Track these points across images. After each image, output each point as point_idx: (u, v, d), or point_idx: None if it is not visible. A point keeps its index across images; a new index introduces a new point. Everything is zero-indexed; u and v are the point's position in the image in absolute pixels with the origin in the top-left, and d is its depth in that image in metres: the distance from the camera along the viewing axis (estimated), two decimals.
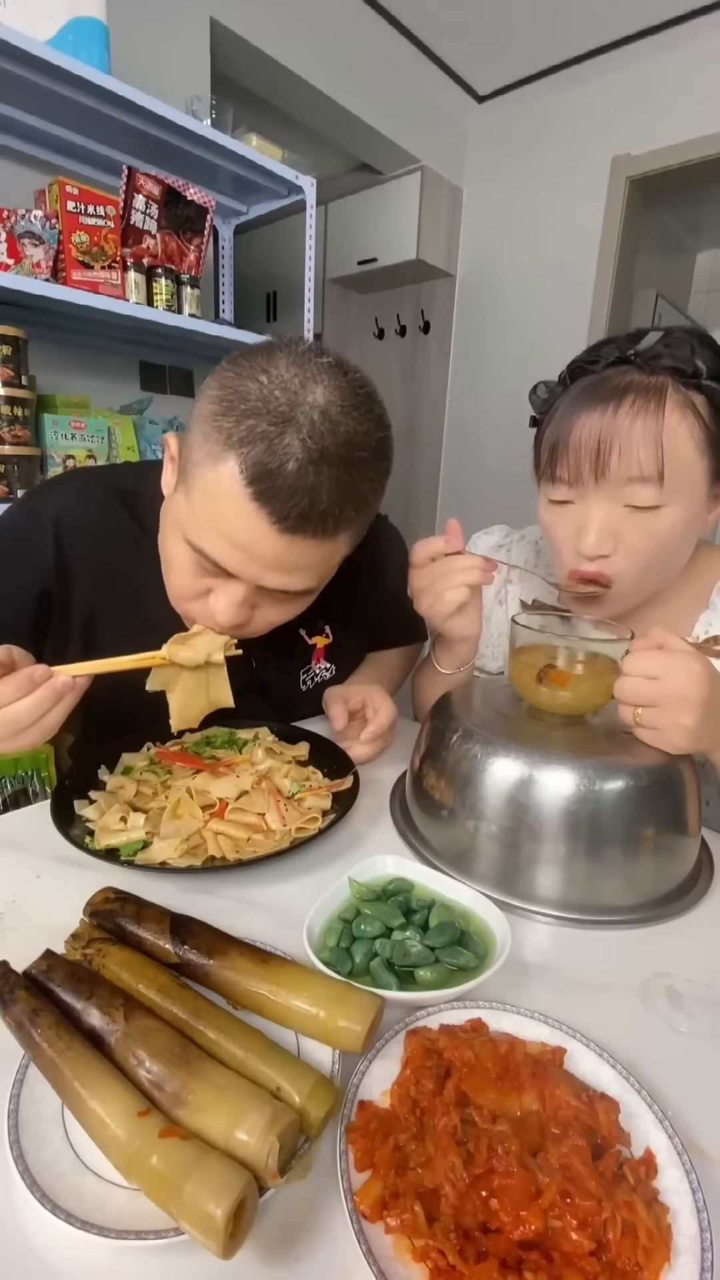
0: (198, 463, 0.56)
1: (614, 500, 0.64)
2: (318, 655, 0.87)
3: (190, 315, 1.70)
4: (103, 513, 0.74)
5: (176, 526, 0.62)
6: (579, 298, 2.70)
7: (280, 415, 0.52)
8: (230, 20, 2.01)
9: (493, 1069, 0.36)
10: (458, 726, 0.61)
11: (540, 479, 0.71)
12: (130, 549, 0.74)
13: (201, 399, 0.57)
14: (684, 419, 0.61)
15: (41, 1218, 0.29)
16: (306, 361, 0.54)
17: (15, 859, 0.58)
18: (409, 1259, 0.29)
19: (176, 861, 0.56)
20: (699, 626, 0.74)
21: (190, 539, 0.59)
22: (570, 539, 0.67)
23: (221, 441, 0.54)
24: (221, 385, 0.55)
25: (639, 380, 0.62)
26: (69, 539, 0.72)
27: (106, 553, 0.73)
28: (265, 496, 0.53)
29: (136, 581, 0.73)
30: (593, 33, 2.42)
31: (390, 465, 0.61)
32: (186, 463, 0.58)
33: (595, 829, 0.54)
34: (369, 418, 0.56)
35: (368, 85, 2.46)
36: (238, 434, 0.53)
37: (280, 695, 0.84)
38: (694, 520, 0.65)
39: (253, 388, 0.53)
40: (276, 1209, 0.32)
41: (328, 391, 0.54)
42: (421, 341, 3.20)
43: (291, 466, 0.52)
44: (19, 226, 1.40)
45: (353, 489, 0.56)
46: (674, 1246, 0.29)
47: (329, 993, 0.38)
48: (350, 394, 0.55)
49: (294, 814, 0.62)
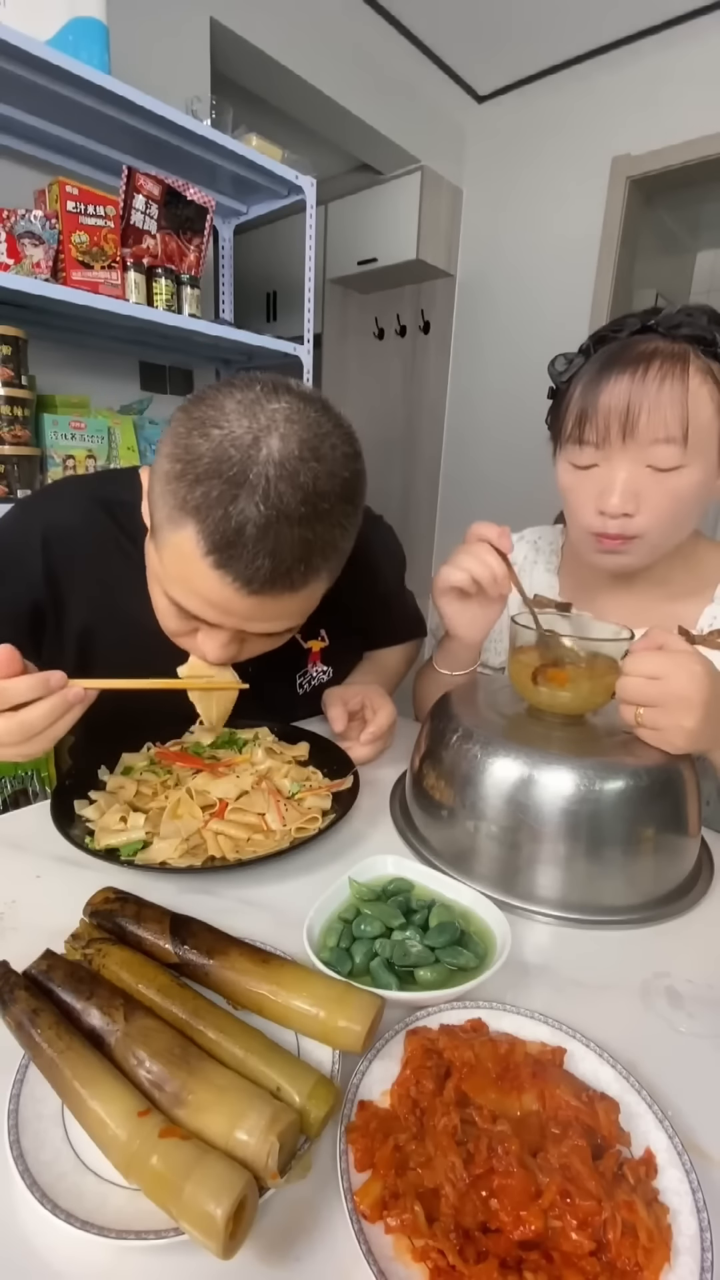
0: (161, 524, 0.55)
1: (638, 461, 0.66)
2: (313, 658, 0.87)
3: (190, 315, 1.70)
4: (90, 524, 0.73)
5: (154, 577, 0.61)
6: (579, 298, 2.70)
7: (233, 479, 0.49)
8: (230, 20, 2.01)
9: (493, 1069, 0.36)
10: (458, 726, 0.61)
11: (564, 444, 0.72)
12: (120, 560, 0.73)
13: (159, 454, 0.55)
14: (705, 384, 0.64)
15: (41, 1218, 0.29)
16: (259, 409, 0.51)
17: (15, 859, 0.58)
18: (409, 1259, 0.29)
19: (176, 861, 0.56)
20: (704, 619, 0.75)
21: (167, 593, 0.58)
22: (592, 501, 0.69)
23: (178, 506, 0.52)
24: (174, 443, 0.52)
25: (663, 347, 0.65)
26: (58, 552, 0.72)
27: (97, 564, 0.73)
28: (227, 564, 0.51)
29: (128, 591, 0.71)
30: (593, 33, 2.42)
31: (362, 498, 0.59)
32: (154, 514, 0.57)
33: (595, 829, 0.54)
34: (331, 458, 0.53)
35: (368, 85, 2.46)
36: (193, 500, 0.50)
37: (277, 700, 0.84)
38: (707, 482, 0.67)
39: (204, 447, 0.50)
40: (276, 1209, 0.32)
41: (283, 442, 0.50)
42: (421, 341, 3.20)
43: (250, 531, 0.50)
44: (19, 226, 1.40)
45: (318, 541, 0.53)
46: (674, 1246, 0.29)
47: (329, 993, 0.38)
48: (310, 436, 0.51)
49: (294, 814, 0.62)
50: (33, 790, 1.62)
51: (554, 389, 0.75)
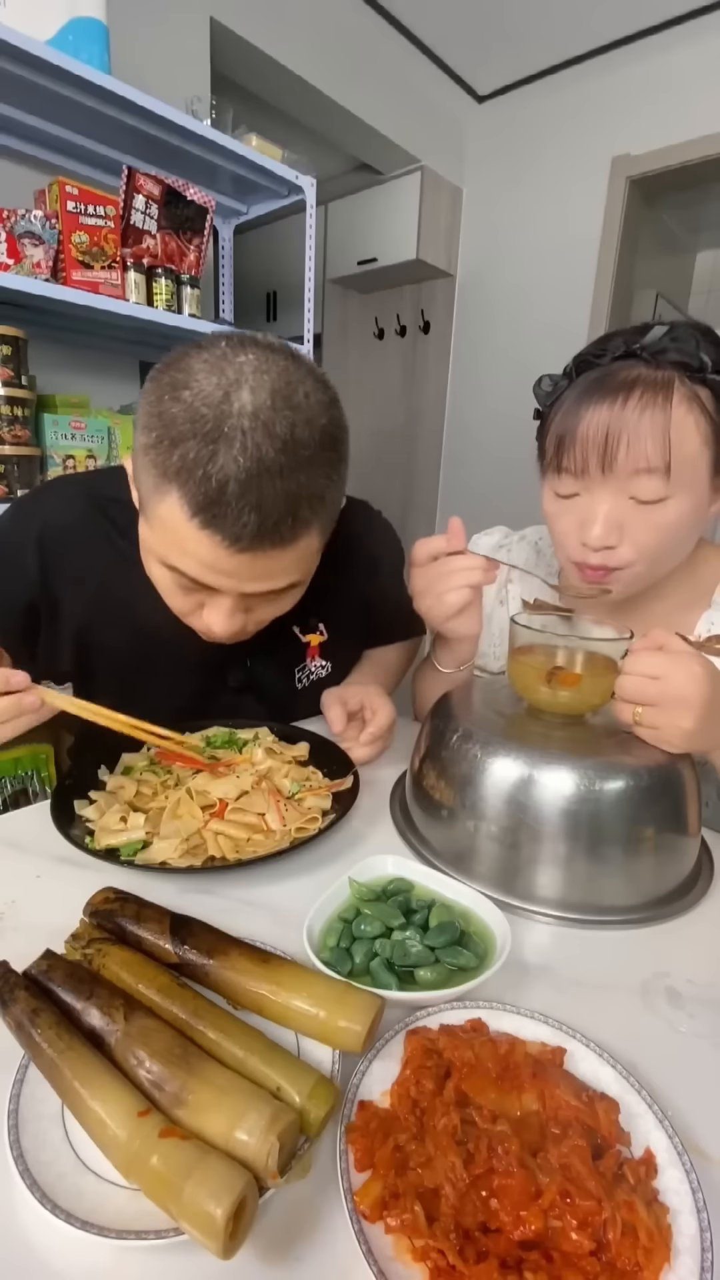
0: (147, 497, 0.55)
1: (620, 493, 0.64)
2: (312, 653, 0.87)
3: (190, 315, 1.70)
4: (85, 522, 0.73)
5: (149, 552, 0.62)
6: (579, 298, 2.70)
7: (208, 436, 0.49)
8: (230, 20, 2.01)
9: (493, 1069, 0.36)
10: (458, 726, 0.61)
11: (545, 471, 0.71)
12: (115, 558, 0.73)
13: (137, 429, 0.54)
14: (690, 412, 0.61)
15: (41, 1218, 0.29)
16: (225, 364, 0.51)
17: (15, 859, 0.58)
18: (409, 1259, 0.29)
19: (176, 861, 0.56)
20: (701, 625, 0.75)
21: (165, 562, 0.58)
22: (575, 531, 0.67)
23: (160, 474, 0.52)
24: (148, 413, 0.52)
25: (646, 374, 0.62)
26: (53, 550, 0.72)
27: (93, 562, 0.73)
28: (213, 524, 0.51)
29: (126, 589, 0.72)
30: (592, 33, 2.42)
31: (345, 445, 0.58)
32: (140, 490, 0.57)
33: (595, 829, 0.54)
34: (307, 405, 0.52)
35: (368, 85, 2.46)
36: (172, 465, 0.50)
37: (276, 694, 0.85)
38: (697, 512, 0.66)
39: (177, 411, 0.50)
40: (276, 1209, 0.32)
41: (254, 393, 0.50)
42: (421, 341, 3.20)
43: (232, 488, 0.49)
44: (19, 226, 1.40)
45: (302, 492, 0.53)
46: (674, 1246, 0.29)
47: (329, 993, 0.38)
48: (281, 385, 0.51)
49: (294, 814, 0.62)
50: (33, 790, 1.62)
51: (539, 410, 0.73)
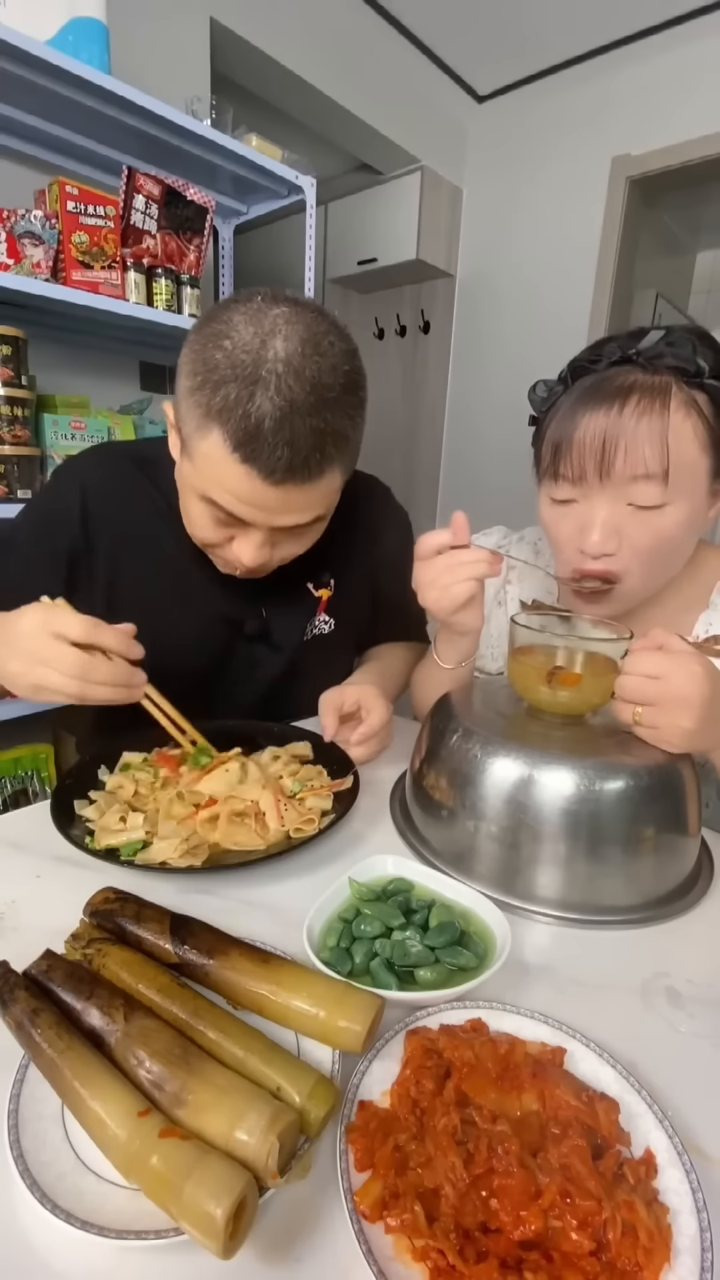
0: (190, 435, 0.62)
1: (618, 499, 0.64)
2: (321, 607, 0.92)
3: (190, 315, 1.69)
4: (123, 479, 0.81)
5: (189, 488, 0.68)
6: (579, 298, 2.70)
7: (247, 377, 0.56)
8: (230, 20, 2.01)
9: (493, 1069, 0.36)
10: (458, 726, 0.61)
11: (542, 478, 0.70)
12: (151, 513, 0.80)
13: (180, 374, 0.62)
14: (688, 417, 0.61)
15: (41, 1218, 0.29)
16: (262, 316, 0.58)
17: (15, 859, 0.58)
18: (409, 1259, 0.29)
19: (176, 861, 0.56)
20: (699, 626, 0.74)
21: (204, 495, 0.65)
22: (573, 538, 0.67)
23: (202, 415, 0.59)
24: (192, 359, 0.60)
25: (643, 380, 0.62)
26: (93, 505, 0.79)
27: (128, 517, 0.80)
28: (251, 458, 0.58)
29: (159, 544, 0.80)
30: (593, 33, 2.41)
31: (364, 391, 0.65)
32: (182, 433, 0.64)
33: (595, 829, 0.54)
34: (332, 353, 0.59)
35: (368, 85, 2.46)
36: (214, 405, 0.57)
37: (285, 643, 0.90)
38: (696, 517, 0.65)
39: (218, 357, 0.57)
40: (276, 1209, 0.32)
41: (287, 341, 0.57)
42: (421, 342, 3.20)
43: (268, 425, 0.57)
44: (19, 226, 1.40)
45: (328, 429, 0.60)
46: (674, 1246, 0.29)
47: (329, 993, 0.38)
48: (308, 339, 0.58)
49: (293, 814, 0.62)
50: (33, 790, 1.62)
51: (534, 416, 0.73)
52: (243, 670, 0.89)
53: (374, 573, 0.96)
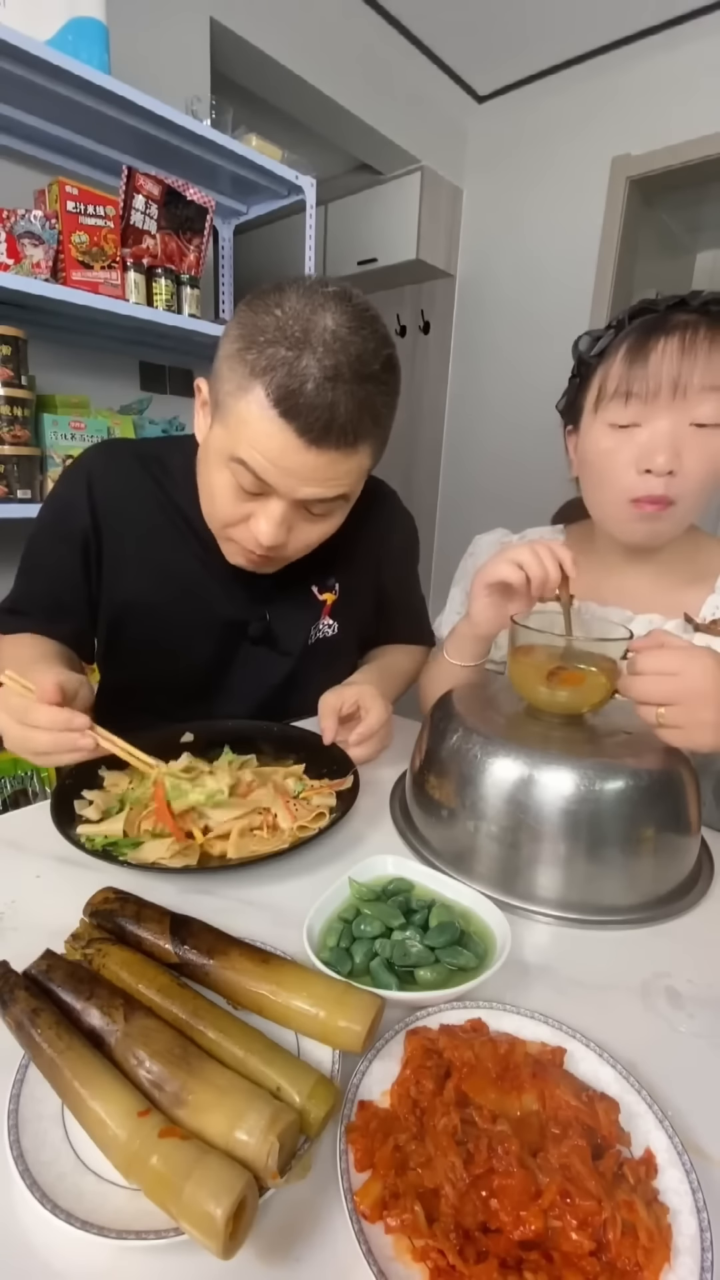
0: (229, 394, 0.63)
1: (682, 419, 0.67)
2: (325, 610, 0.92)
3: (190, 315, 1.70)
4: (128, 475, 0.82)
5: (217, 454, 0.68)
6: (579, 298, 2.70)
7: (296, 341, 0.59)
8: (230, 20, 2.01)
9: (493, 1069, 0.36)
10: (458, 726, 0.61)
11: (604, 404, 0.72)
12: (155, 509, 0.82)
13: (225, 341, 0.65)
14: None
15: (41, 1218, 0.29)
16: (314, 293, 0.62)
17: (15, 859, 0.58)
18: (409, 1259, 0.29)
19: (169, 861, 0.56)
20: (706, 608, 0.77)
21: (234, 456, 0.65)
22: (633, 462, 0.70)
23: (247, 373, 0.61)
24: (241, 325, 0.63)
25: (705, 318, 0.67)
26: (99, 497, 0.80)
27: (133, 512, 0.82)
28: (291, 415, 0.60)
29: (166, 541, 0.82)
30: (593, 33, 2.41)
31: (399, 380, 0.68)
32: (218, 398, 0.66)
33: (595, 829, 0.54)
34: (375, 337, 0.63)
35: (368, 85, 2.46)
36: (260, 363, 0.60)
37: (289, 647, 0.90)
38: None
39: (269, 321, 0.60)
40: (276, 1209, 0.32)
41: (335, 316, 0.60)
42: (421, 341, 3.20)
43: (310, 386, 0.59)
44: (19, 226, 1.40)
45: (367, 401, 0.62)
46: (674, 1246, 0.29)
47: (329, 993, 0.38)
48: (356, 317, 0.61)
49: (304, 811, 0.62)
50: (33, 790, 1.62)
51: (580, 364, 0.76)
52: (245, 673, 0.89)
53: (379, 576, 0.96)
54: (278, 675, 0.90)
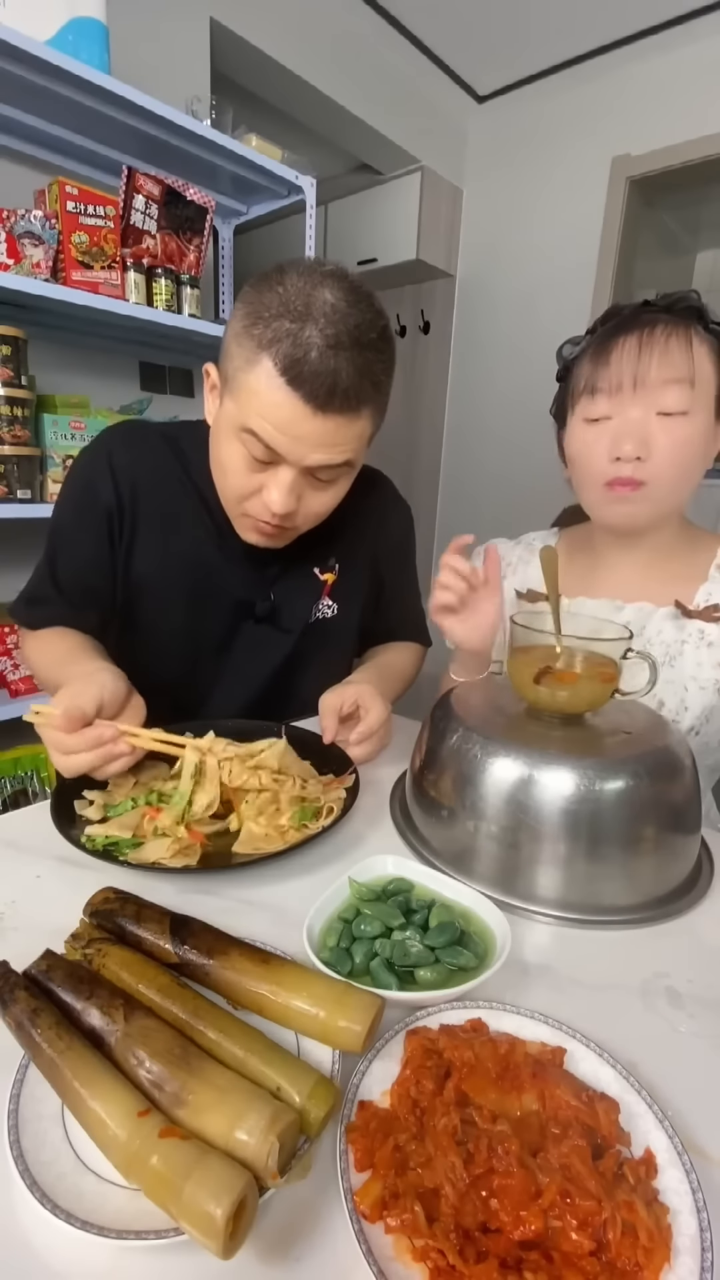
0: (238, 369, 0.67)
1: (649, 408, 0.72)
2: (326, 590, 0.94)
3: (190, 315, 1.70)
4: (149, 450, 0.85)
5: (228, 427, 0.71)
6: (579, 298, 2.70)
7: (299, 314, 0.63)
8: (230, 20, 2.01)
9: (493, 1069, 0.36)
10: (458, 726, 0.61)
11: (576, 403, 0.78)
12: (175, 487, 0.85)
13: (232, 321, 0.69)
14: (704, 342, 0.72)
15: (41, 1218, 0.29)
16: (313, 272, 0.66)
17: (15, 859, 0.58)
18: (409, 1259, 0.29)
19: (169, 861, 0.56)
20: (699, 596, 0.79)
21: (244, 427, 0.68)
22: (605, 451, 0.74)
23: (255, 347, 0.64)
24: (247, 303, 0.67)
25: (665, 315, 0.73)
26: (121, 470, 0.82)
27: (152, 488, 0.84)
28: (297, 382, 0.63)
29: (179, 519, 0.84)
30: (593, 33, 2.42)
31: (394, 351, 0.72)
32: (227, 374, 0.70)
33: (595, 829, 0.54)
34: (370, 309, 0.67)
35: (368, 85, 2.46)
36: (267, 336, 0.63)
37: (292, 625, 0.93)
38: (708, 437, 0.74)
39: (272, 298, 0.64)
40: (276, 1209, 0.32)
41: (334, 291, 0.65)
42: (421, 341, 3.20)
43: (314, 354, 0.62)
44: (19, 226, 1.40)
45: (367, 368, 0.66)
46: (674, 1246, 0.29)
47: (329, 993, 0.38)
48: (352, 291, 0.66)
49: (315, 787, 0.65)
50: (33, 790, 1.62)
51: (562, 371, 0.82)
52: (250, 651, 0.91)
53: (376, 559, 0.98)
54: (280, 654, 0.92)
